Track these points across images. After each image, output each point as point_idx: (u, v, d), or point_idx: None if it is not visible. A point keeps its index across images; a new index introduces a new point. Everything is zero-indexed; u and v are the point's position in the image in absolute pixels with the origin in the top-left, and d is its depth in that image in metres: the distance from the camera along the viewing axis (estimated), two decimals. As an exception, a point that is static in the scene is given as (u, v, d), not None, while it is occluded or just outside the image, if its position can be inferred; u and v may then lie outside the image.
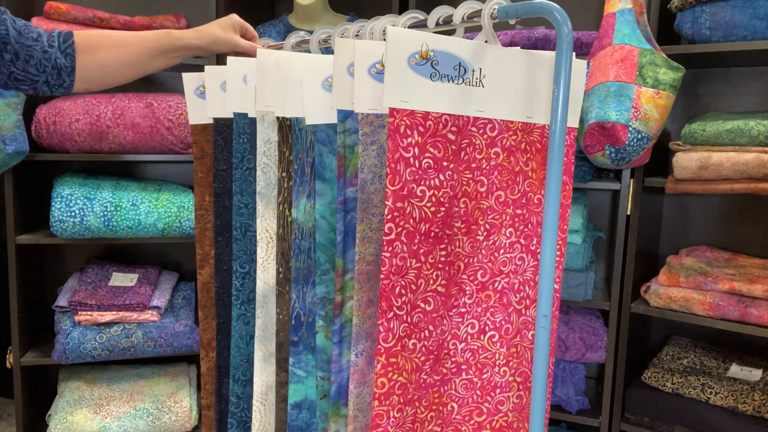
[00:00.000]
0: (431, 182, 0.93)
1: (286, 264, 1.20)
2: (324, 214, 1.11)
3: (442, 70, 0.91)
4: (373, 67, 0.99)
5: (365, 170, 1.02)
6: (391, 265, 0.92)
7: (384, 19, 1.09)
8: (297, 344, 1.18)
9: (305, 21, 2.06)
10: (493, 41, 0.96)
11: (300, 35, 1.30)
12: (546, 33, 1.66)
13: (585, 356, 1.85)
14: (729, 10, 1.54)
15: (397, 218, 0.91)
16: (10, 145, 1.83)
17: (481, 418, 1.07)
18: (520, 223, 1.04)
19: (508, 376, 1.07)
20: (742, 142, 1.51)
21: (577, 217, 1.77)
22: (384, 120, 1.02)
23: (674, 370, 1.76)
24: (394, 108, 0.89)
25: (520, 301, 1.06)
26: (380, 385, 0.95)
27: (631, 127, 1.48)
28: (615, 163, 1.56)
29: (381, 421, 0.96)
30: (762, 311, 1.53)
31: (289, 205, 1.19)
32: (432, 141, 0.92)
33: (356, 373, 1.06)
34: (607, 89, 1.50)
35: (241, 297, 1.30)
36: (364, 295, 1.04)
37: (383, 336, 0.93)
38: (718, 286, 1.59)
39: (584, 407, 1.88)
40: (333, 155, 1.11)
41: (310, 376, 1.18)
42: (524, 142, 1.02)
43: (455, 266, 1.00)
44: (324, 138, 1.10)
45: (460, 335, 1.03)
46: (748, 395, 1.63)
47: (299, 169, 1.15)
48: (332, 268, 1.12)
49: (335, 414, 1.11)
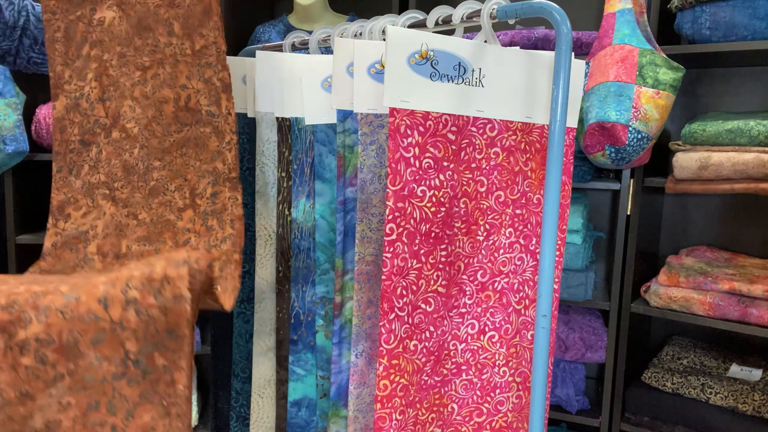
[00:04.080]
0: (432, 182, 0.93)
1: (286, 263, 1.20)
2: (323, 214, 1.11)
3: (442, 69, 0.91)
4: (372, 67, 0.99)
5: (365, 170, 1.02)
6: (392, 266, 0.92)
7: (384, 19, 1.09)
8: (296, 343, 1.18)
9: (305, 21, 2.07)
10: (493, 41, 0.96)
11: (300, 35, 1.30)
12: (546, 33, 1.66)
13: (585, 356, 1.85)
14: (729, 10, 1.54)
15: (398, 219, 0.91)
16: (10, 145, 1.83)
17: (481, 419, 1.07)
18: (520, 223, 1.04)
19: (507, 377, 1.07)
20: (742, 142, 1.51)
21: (577, 217, 1.77)
22: (383, 120, 1.02)
23: (674, 370, 1.76)
24: (394, 108, 0.89)
25: (519, 301, 1.06)
26: (382, 388, 0.95)
27: (631, 127, 1.48)
28: (615, 163, 1.56)
29: (383, 423, 0.96)
30: (762, 311, 1.52)
31: (288, 205, 1.19)
32: (432, 141, 0.92)
33: (356, 373, 1.06)
34: (607, 89, 1.50)
35: (241, 296, 1.30)
36: (364, 295, 1.04)
37: (385, 338, 0.93)
38: (718, 286, 1.58)
39: (584, 407, 1.88)
40: (332, 155, 1.11)
41: (310, 375, 1.18)
42: (524, 142, 1.02)
43: (455, 266, 1.00)
44: (323, 138, 1.10)
45: (460, 336, 1.03)
46: (748, 395, 1.63)
47: (299, 169, 1.15)
48: (332, 268, 1.12)
49: (335, 414, 1.11)
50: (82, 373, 0.76)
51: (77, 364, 0.75)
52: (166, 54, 1.01)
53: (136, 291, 0.74)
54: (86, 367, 0.76)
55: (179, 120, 1.02)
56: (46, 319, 0.74)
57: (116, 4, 1.03)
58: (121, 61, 1.04)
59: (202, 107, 1.01)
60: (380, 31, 1.09)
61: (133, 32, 1.02)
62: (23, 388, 0.75)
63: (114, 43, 1.04)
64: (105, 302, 0.74)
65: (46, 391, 0.76)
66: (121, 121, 1.05)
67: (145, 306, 0.74)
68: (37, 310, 0.74)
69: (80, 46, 1.05)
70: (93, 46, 1.05)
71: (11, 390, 0.75)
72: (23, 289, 0.76)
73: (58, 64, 1.06)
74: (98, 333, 0.75)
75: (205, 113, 1.01)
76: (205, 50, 0.99)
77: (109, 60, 1.04)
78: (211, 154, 1.01)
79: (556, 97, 0.88)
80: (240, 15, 2.20)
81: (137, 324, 0.75)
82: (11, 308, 0.74)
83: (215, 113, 1.00)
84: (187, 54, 1.00)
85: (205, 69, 0.99)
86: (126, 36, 1.03)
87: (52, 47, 1.06)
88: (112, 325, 0.75)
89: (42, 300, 0.74)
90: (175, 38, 1.00)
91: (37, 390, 0.76)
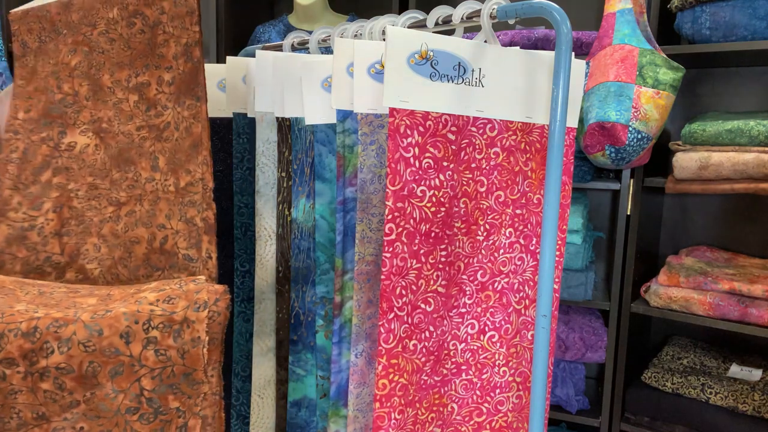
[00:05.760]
0: (431, 182, 0.93)
1: (286, 263, 1.20)
2: (323, 214, 1.11)
3: (442, 70, 0.91)
4: (372, 67, 0.99)
5: (364, 170, 1.02)
6: (391, 266, 0.92)
7: (384, 19, 1.09)
8: (296, 343, 1.18)
9: (305, 21, 2.07)
10: (493, 41, 0.96)
11: (300, 35, 1.30)
12: (546, 33, 1.66)
13: (585, 356, 1.85)
14: (729, 10, 1.54)
15: (397, 218, 0.91)
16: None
17: (481, 419, 1.07)
18: (520, 223, 1.04)
19: (507, 377, 1.07)
20: (742, 142, 1.51)
21: (577, 217, 1.77)
22: (383, 120, 1.02)
23: (674, 370, 1.76)
24: (393, 108, 0.89)
25: (519, 301, 1.06)
26: (381, 387, 0.95)
27: (631, 127, 1.48)
28: (615, 163, 1.56)
29: (382, 423, 0.96)
30: (762, 311, 1.52)
31: (288, 205, 1.19)
32: (432, 141, 0.92)
33: (356, 373, 1.06)
34: (607, 89, 1.50)
35: (242, 295, 1.30)
36: (364, 295, 1.04)
37: (384, 337, 0.93)
38: (718, 286, 1.58)
39: (584, 407, 1.88)
40: (332, 155, 1.11)
41: (310, 375, 1.18)
42: (524, 142, 1.02)
43: (455, 266, 1.00)
44: (323, 138, 1.10)
45: (460, 336, 1.03)
46: (748, 395, 1.63)
47: (299, 169, 1.15)
48: (332, 268, 1.12)
49: (335, 414, 1.11)
50: (97, 402, 0.76)
51: (94, 394, 0.76)
52: (146, 190, 0.90)
53: (157, 331, 0.75)
54: (102, 397, 0.76)
55: (150, 263, 0.90)
56: (68, 351, 0.75)
57: (93, 130, 0.93)
58: (91, 193, 0.93)
59: (179, 250, 0.89)
60: (380, 31, 1.09)
61: (112, 163, 0.92)
62: (40, 410, 0.76)
63: (84, 172, 0.93)
64: (127, 338, 0.75)
65: (61, 415, 0.76)
66: (80, 260, 0.93)
67: (164, 347, 0.75)
68: (59, 341, 0.75)
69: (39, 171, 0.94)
70: (56, 172, 0.94)
71: (29, 411, 0.76)
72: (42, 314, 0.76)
73: (6, 188, 0.95)
74: (117, 366, 0.75)
75: (182, 257, 0.89)
76: (190, 187, 0.89)
77: (75, 190, 0.93)
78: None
79: (556, 97, 0.88)
80: (240, 15, 2.20)
81: (155, 363, 0.75)
82: (33, 336, 0.75)
83: (194, 257, 0.89)
84: (170, 191, 0.90)
85: (188, 208, 0.89)
86: (102, 167, 0.92)
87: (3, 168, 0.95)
88: (131, 360, 0.75)
89: (64, 331, 0.75)
90: (158, 173, 0.90)
91: (53, 413, 0.76)
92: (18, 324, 0.75)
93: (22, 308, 0.77)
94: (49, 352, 0.75)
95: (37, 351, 0.75)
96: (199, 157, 0.89)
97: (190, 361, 0.75)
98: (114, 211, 0.91)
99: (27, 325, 0.75)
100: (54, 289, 0.84)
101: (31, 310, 0.77)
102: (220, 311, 0.77)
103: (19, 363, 0.74)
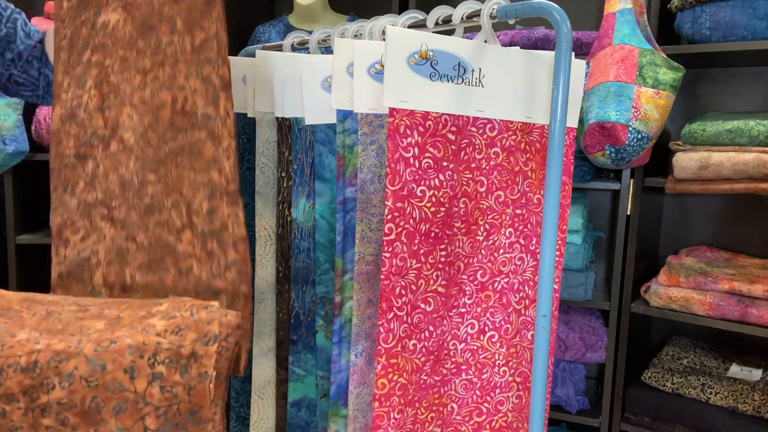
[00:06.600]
0: (431, 182, 0.93)
1: (286, 263, 1.20)
2: (323, 214, 1.11)
3: (442, 70, 0.91)
4: (372, 67, 0.99)
5: (364, 170, 1.02)
6: (391, 266, 0.92)
7: (384, 19, 1.09)
8: (296, 343, 1.18)
9: (305, 21, 2.07)
10: (493, 41, 0.96)
11: (300, 35, 1.30)
12: (546, 33, 1.66)
13: (585, 356, 1.85)
14: (729, 10, 1.54)
15: (397, 218, 0.91)
16: (10, 145, 1.83)
17: (481, 419, 1.07)
18: (520, 223, 1.04)
19: (507, 377, 1.07)
20: (742, 142, 1.51)
21: (577, 217, 1.77)
22: (383, 120, 1.02)
23: (674, 370, 1.76)
24: (393, 108, 0.89)
25: (519, 301, 1.06)
26: (380, 386, 0.95)
27: (631, 127, 1.48)
28: (615, 163, 1.56)
29: (381, 422, 0.96)
30: (762, 311, 1.52)
31: (288, 205, 1.19)
32: (432, 141, 0.92)
33: (356, 373, 1.06)
34: (607, 89, 1.50)
35: (241, 297, 1.30)
36: (364, 295, 1.04)
37: (383, 337, 0.93)
38: (718, 286, 1.58)
39: (584, 407, 1.88)
40: (332, 155, 1.11)
41: (310, 375, 1.18)
42: (524, 142, 1.02)
43: (455, 266, 1.00)
44: (323, 138, 1.10)
45: (460, 336, 1.03)
46: (748, 395, 1.63)
47: (298, 169, 1.15)
48: (332, 268, 1.12)
49: (335, 414, 1.11)
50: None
51: (98, 429, 0.75)
52: (167, 54, 0.95)
53: (163, 366, 0.73)
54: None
55: (175, 126, 0.95)
56: (70, 386, 0.73)
57: (122, 5, 0.98)
58: (123, 65, 0.98)
59: (198, 109, 0.94)
60: (380, 32, 1.09)
61: (137, 34, 0.97)
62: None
63: (117, 46, 0.98)
64: (132, 373, 0.73)
65: None
66: (120, 131, 0.98)
67: (170, 383, 0.73)
68: (60, 376, 0.73)
69: (81, 52, 1.00)
70: (95, 51, 0.99)
71: None
72: (43, 346, 0.74)
73: (59, 72, 1.01)
74: (121, 402, 0.74)
75: (201, 116, 0.94)
76: (205, 44, 0.93)
77: (110, 65, 0.99)
78: (206, 162, 0.93)
79: (556, 97, 0.88)
80: (240, 15, 2.20)
81: (160, 401, 0.73)
82: (33, 372, 0.73)
83: (211, 115, 0.93)
84: (187, 51, 0.94)
85: (204, 65, 0.93)
86: (129, 39, 0.97)
87: (57, 56, 1.01)
88: (136, 397, 0.74)
89: (65, 366, 0.73)
90: (176, 35, 0.94)
91: None
92: (18, 358, 0.73)
93: (24, 337, 0.75)
94: (50, 387, 0.73)
95: (37, 387, 0.73)
96: (213, 12, 0.92)
97: (196, 397, 0.73)
98: (141, 79, 0.96)
99: (27, 360, 0.73)
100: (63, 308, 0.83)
101: (33, 339, 0.75)
102: (230, 347, 0.75)
103: (20, 399, 0.73)
